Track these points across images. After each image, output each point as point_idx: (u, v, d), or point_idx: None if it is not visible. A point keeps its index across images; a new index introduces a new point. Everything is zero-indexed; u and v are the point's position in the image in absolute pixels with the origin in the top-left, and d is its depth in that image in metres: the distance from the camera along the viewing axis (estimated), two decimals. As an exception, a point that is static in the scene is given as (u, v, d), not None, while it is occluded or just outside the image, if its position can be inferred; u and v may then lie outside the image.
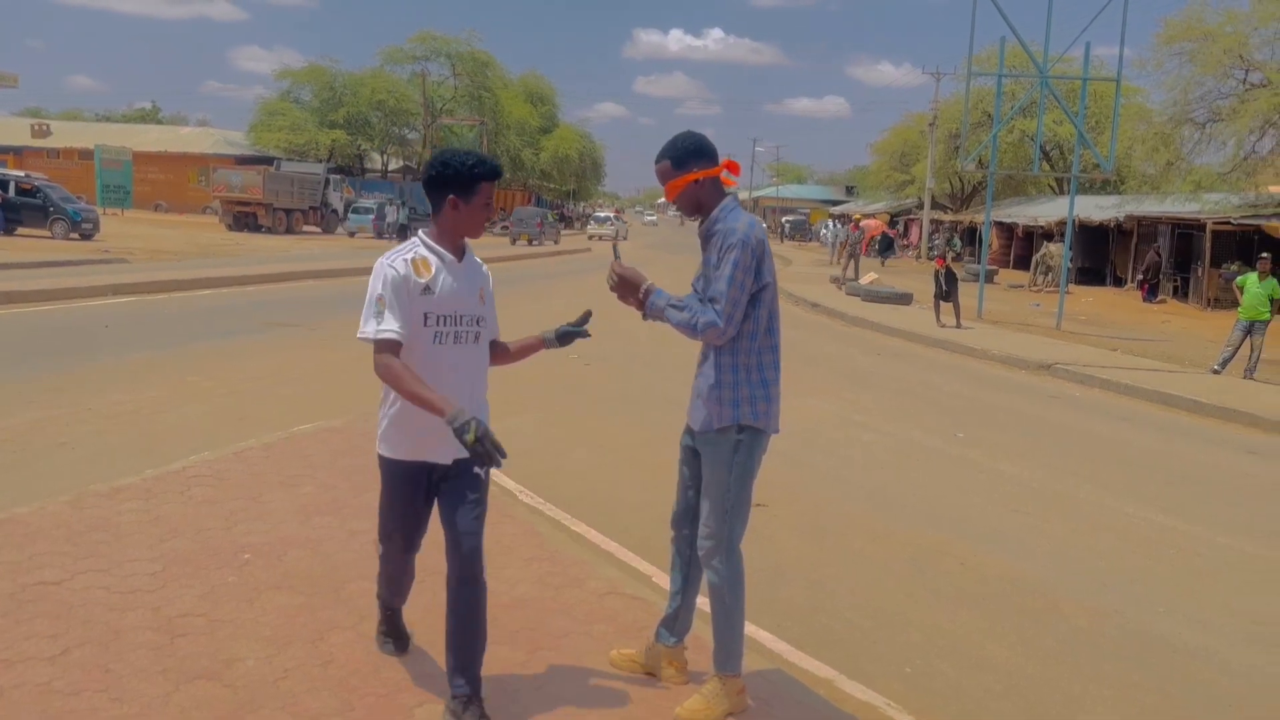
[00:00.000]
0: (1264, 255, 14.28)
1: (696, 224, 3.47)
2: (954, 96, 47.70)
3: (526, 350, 3.51)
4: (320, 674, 3.48)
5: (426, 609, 3.88)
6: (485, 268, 3.37)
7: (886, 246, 39.48)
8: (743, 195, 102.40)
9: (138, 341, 10.88)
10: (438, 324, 3.12)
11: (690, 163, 3.39)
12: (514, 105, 61.44)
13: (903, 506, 6.58)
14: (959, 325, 17.47)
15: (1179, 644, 4.67)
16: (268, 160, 47.87)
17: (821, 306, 20.73)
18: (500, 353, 3.47)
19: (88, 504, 5.05)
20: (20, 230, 26.65)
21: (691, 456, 3.51)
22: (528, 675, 3.62)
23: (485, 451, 2.82)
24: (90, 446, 6.47)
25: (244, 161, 47.97)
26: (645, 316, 3.49)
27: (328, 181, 44.22)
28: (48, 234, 26.55)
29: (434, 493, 3.24)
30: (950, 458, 8.13)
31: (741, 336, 3.33)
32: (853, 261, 24.28)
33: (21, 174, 29.11)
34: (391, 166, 65.26)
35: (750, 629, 4.31)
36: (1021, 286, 31.42)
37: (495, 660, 3.53)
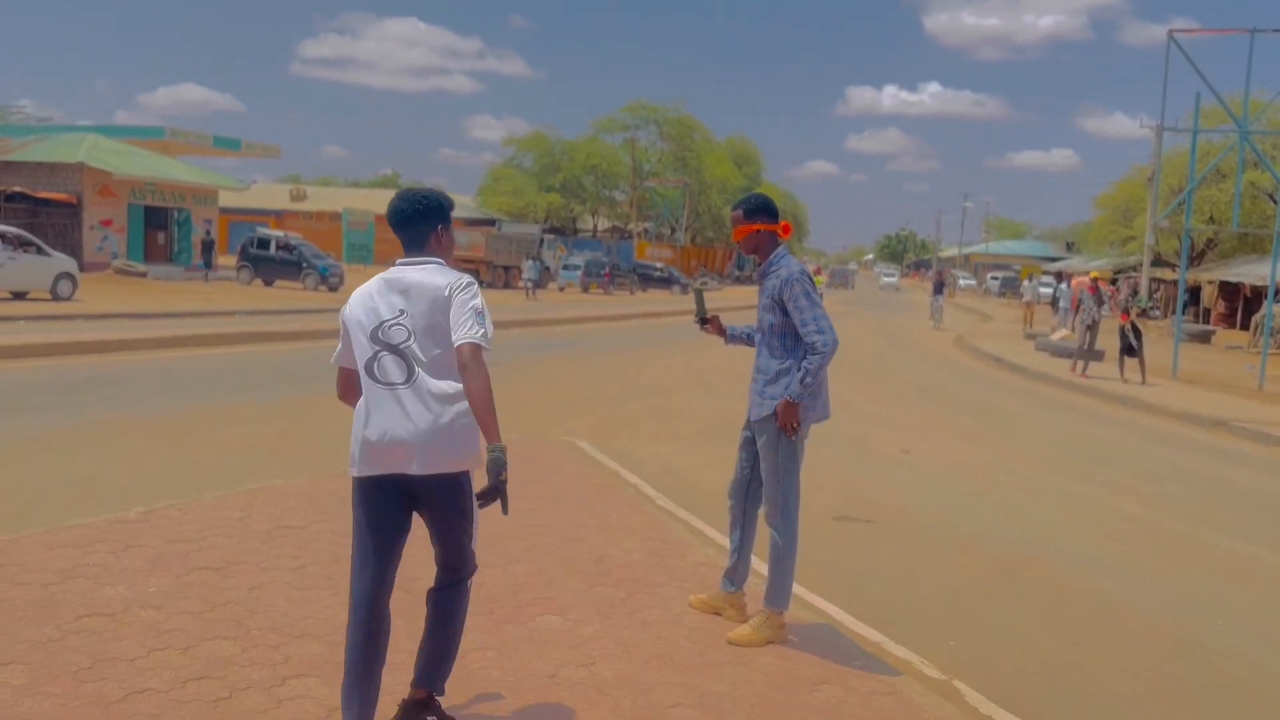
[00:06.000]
0: None
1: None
2: (1174, 150, 45.78)
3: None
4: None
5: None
6: None
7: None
8: (951, 251, 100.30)
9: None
10: None
11: (756, 216, 4.47)
12: (718, 166, 63.72)
13: (1006, 528, 7.21)
14: (1144, 382, 17.23)
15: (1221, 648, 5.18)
16: (491, 222, 52.04)
17: (1004, 361, 20.78)
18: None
19: (325, 480, 6.59)
20: (278, 282, 30.78)
21: (747, 444, 4.53)
22: (623, 605, 4.74)
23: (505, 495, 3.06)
24: (307, 447, 8.14)
25: (471, 223, 52.29)
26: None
27: (542, 241, 47.58)
28: (300, 286, 30.40)
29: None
30: (1074, 496, 8.59)
31: (782, 345, 4.34)
32: (1089, 332, 18.66)
33: (281, 234, 33.46)
34: (601, 226, 68.89)
35: (825, 604, 5.25)
36: (1240, 348, 29.78)
37: (600, 597, 4.68)
